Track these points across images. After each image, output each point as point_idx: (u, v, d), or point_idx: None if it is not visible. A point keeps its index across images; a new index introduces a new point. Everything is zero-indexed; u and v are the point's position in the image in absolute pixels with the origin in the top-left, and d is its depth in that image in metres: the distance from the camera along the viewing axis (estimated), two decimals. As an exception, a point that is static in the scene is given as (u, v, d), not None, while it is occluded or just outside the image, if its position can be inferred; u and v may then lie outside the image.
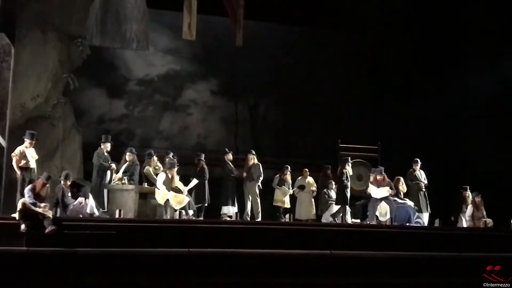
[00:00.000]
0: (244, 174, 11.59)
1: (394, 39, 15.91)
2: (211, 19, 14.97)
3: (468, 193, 11.94)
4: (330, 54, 16.64)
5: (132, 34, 13.07)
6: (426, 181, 12.08)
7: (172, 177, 10.13)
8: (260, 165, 11.63)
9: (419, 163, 12.18)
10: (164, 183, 10.00)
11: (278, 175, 12.37)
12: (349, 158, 11.73)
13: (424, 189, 11.99)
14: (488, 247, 9.64)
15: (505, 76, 14.64)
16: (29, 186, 8.55)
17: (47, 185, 8.65)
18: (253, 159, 11.63)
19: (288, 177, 12.28)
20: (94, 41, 12.85)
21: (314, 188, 12.68)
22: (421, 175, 12.13)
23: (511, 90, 14.63)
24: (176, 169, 10.24)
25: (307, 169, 12.90)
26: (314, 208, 12.52)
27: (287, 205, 12.28)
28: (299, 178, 12.76)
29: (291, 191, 12.31)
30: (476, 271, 8.99)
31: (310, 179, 12.76)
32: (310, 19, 15.93)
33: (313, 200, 12.58)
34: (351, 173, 11.53)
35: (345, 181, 11.25)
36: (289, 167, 12.32)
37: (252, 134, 16.81)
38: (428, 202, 12.02)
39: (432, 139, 15.17)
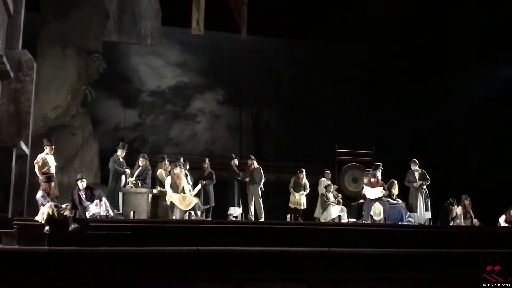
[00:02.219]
0: (247, 178, 11.62)
1: (388, 49, 15.91)
2: (217, 34, 15.13)
3: (455, 207, 11.46)
4: (327, 65, 16.70)
5: (147, 31, 13.34)
6: (420, 181, 11.49)
7: (178, 177, 10.11)
8: (261, 168, 11.61)
9: (417, 163, 11.66)
10: (170, 186, 10.05)
11: (293, 178, 12.04)
12: (380, 164, 11.56)
13: (420, 189, 11.46)
14: (476, 244, 9.61)
15: (498, 82, 14.63)
16: (40, 193, 8.41)
17: (52, 183, 8.61)
18: (253, 164, 11.60)
19: (303, 179, 11.98)
20: (112, 38, 13.04)
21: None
22: (420, 175, 11.58)
23: (503, 96, 14.62)
24: (180, 169, 10.20)
25: (329, 171, 12.70)
26: None
27: (303, 206, 11.92)
28: (323, 179, 12.52)
29: (306, 192, 12.00)
30: (463, 266, 9.05)
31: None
32: (307, 33, 16.00)
33: None
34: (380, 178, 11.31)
35: None
36: (303, 170, 11.98)
37: (256, 140, 16.91)
38: (426, 202, 11.49)
39: (424, 144, 15.17)
